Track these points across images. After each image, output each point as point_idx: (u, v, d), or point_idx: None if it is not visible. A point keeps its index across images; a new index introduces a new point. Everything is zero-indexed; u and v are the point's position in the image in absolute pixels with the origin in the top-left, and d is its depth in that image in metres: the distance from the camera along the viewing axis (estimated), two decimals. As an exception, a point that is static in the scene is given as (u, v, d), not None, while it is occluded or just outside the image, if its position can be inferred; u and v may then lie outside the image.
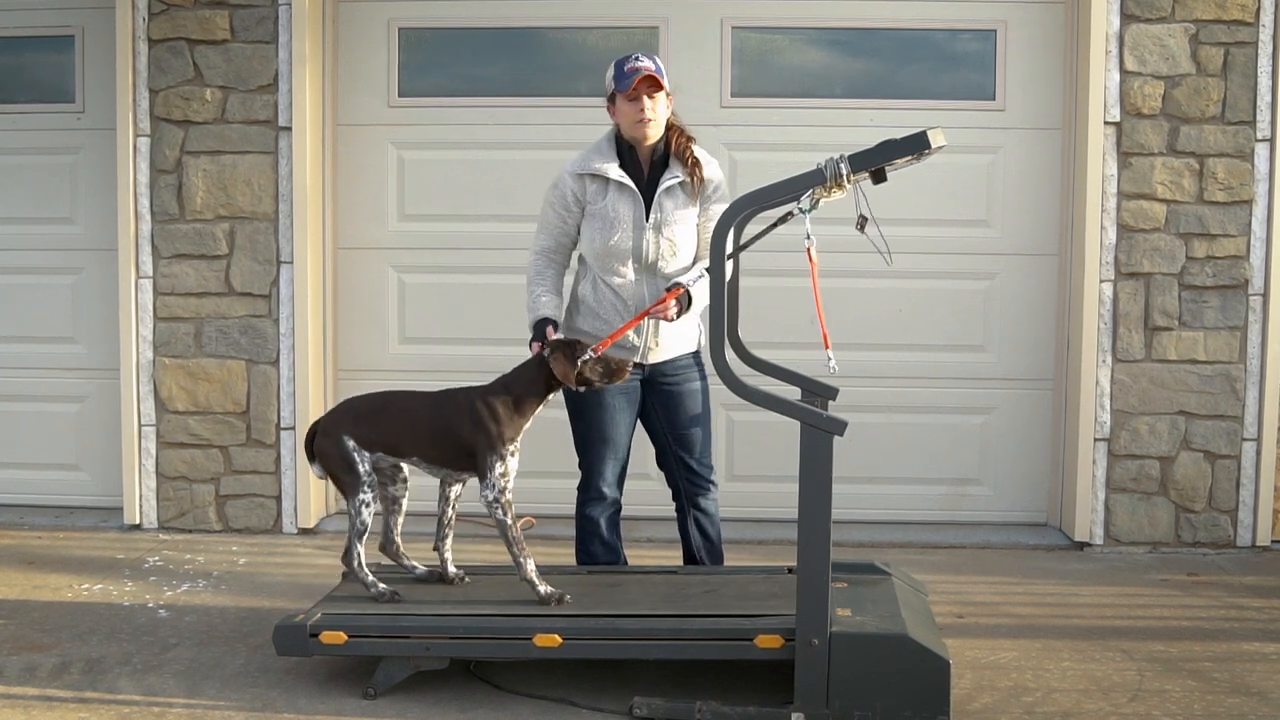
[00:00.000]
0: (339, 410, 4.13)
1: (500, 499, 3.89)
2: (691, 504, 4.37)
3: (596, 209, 4.16)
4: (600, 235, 4.15)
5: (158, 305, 5.71)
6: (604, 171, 4.14)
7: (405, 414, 4.02)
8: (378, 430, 4.01)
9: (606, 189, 4.15)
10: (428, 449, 4.00)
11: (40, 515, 5.97)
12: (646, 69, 4.06)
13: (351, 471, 3.99)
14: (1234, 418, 5.49)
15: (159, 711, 3.69)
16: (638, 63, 4.08)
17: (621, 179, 4.14)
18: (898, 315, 5.79)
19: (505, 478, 3.91)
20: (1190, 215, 5.43)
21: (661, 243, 4.14)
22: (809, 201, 3.53)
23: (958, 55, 5.80)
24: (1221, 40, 5.38)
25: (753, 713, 3.55)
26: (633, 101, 4.08)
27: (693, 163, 4.15)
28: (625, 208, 4.14)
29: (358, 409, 4.08)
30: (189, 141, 5.64)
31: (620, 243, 4.13)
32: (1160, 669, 4.05)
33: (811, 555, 3.49)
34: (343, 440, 3.99)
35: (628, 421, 4.29)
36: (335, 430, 4.02)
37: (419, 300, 5.93)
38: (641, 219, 4.13)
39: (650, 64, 4.08)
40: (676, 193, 4.16)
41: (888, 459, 5.84)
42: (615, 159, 4.17)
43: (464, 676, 3.91)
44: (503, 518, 3.90)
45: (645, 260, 4.15)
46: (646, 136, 4.12)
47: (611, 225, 4.13)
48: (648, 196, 4.15)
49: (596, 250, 4.18)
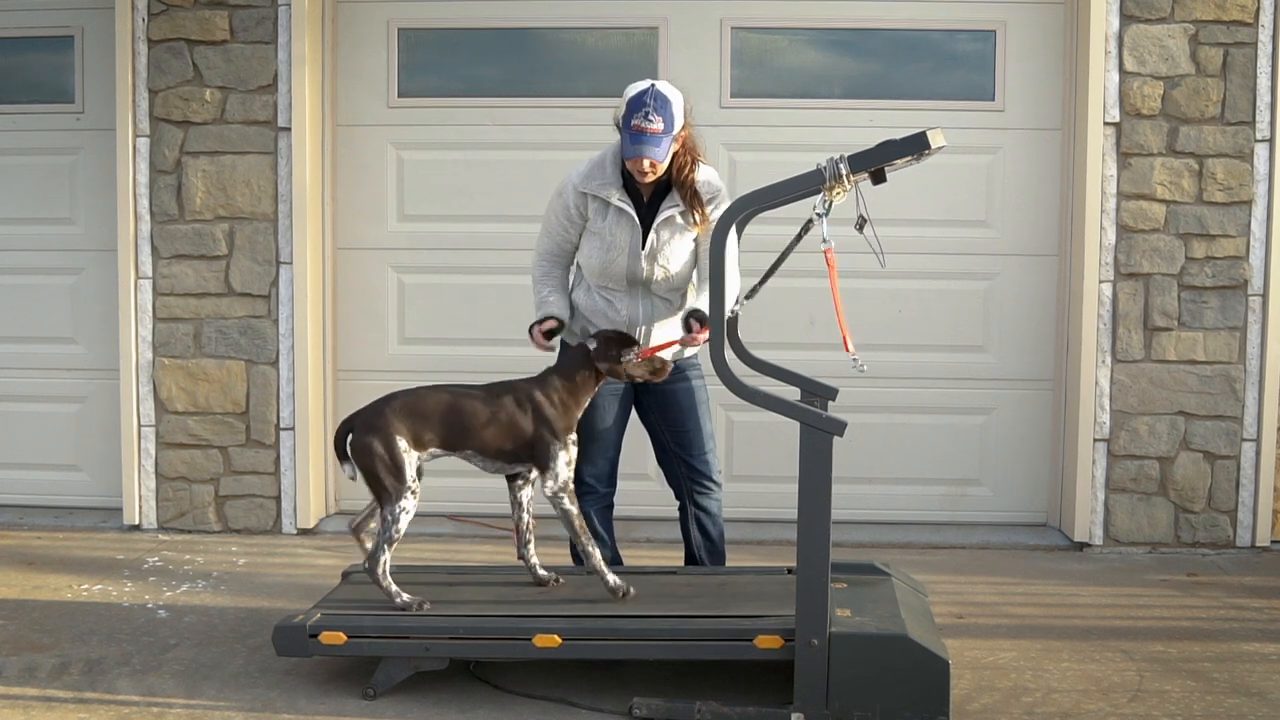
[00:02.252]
0: (387, 406, 3.89)
1: (566, 489, 3.89)
2: (692, 502, 4.37)
3: (595, 229, 4.16)
4: (597, 255, 4.16)
5: (157, 306, 5.71)
6: (605, 195, 4.13)
7: (461, 408, 3.90)
8: (433, 426, 3.88)
9: (606, 211, 4.14)
10: (486, 443, 3.91)
11: (40, 515, 5.97)
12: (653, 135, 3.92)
13: (398, 475, 3.81)
14: (1233, 418, 5.49)
15: (158, 712, 3.69)
16: (646, 122, 3.93)
17: (622, 205, 4.12)
18: (898, 315, 5.79)
19: (570, 466, 3.90)
20: (1190, 216, 5.44)
21: (655, 269, 4.14)
22: (824, 204, 3.54)
23: (957, 55, 5.80)
24: (1221, 41, 5.38)
25: (752, 713, 3.55)
26: (634, 159, 4.00)
27: (692, 195, 4.10)
28: (623, 234, 4.13)
29: (410, 405, 3.89)
30: (188, 142, 5.64)
31: (615, 266, 4.14)
32: (1160, 669, 4.06)
33: (811, 555, 3.49)
34: (395, 439, 3.82)
35: (615, 417, 4.29)
36: (386, 427, 3.82)
37: (418, 300, 5.93)
38: (638, 246, 4.13)
39: (659, 124, 3.94)
40: (675, 221, 4.13)
41: (887, 459, 5.84)
42: (618, 181, 4.14)
43: (464, 676, 3.91)
44: (569, 507, 3.89)
45: (638, 281, 4.17)
46: (645, 186, 4.11)
47: (608, 248, 4.14)
48: (647, 222, 4.13)
49: (593, 267, 4.19)
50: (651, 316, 4.20)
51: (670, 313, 4.22)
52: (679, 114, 4.02)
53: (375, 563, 3.86)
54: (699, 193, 4.11)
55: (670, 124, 3.97)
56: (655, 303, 4.20)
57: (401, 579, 4.22)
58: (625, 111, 3.99)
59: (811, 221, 3.62)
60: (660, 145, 3.97)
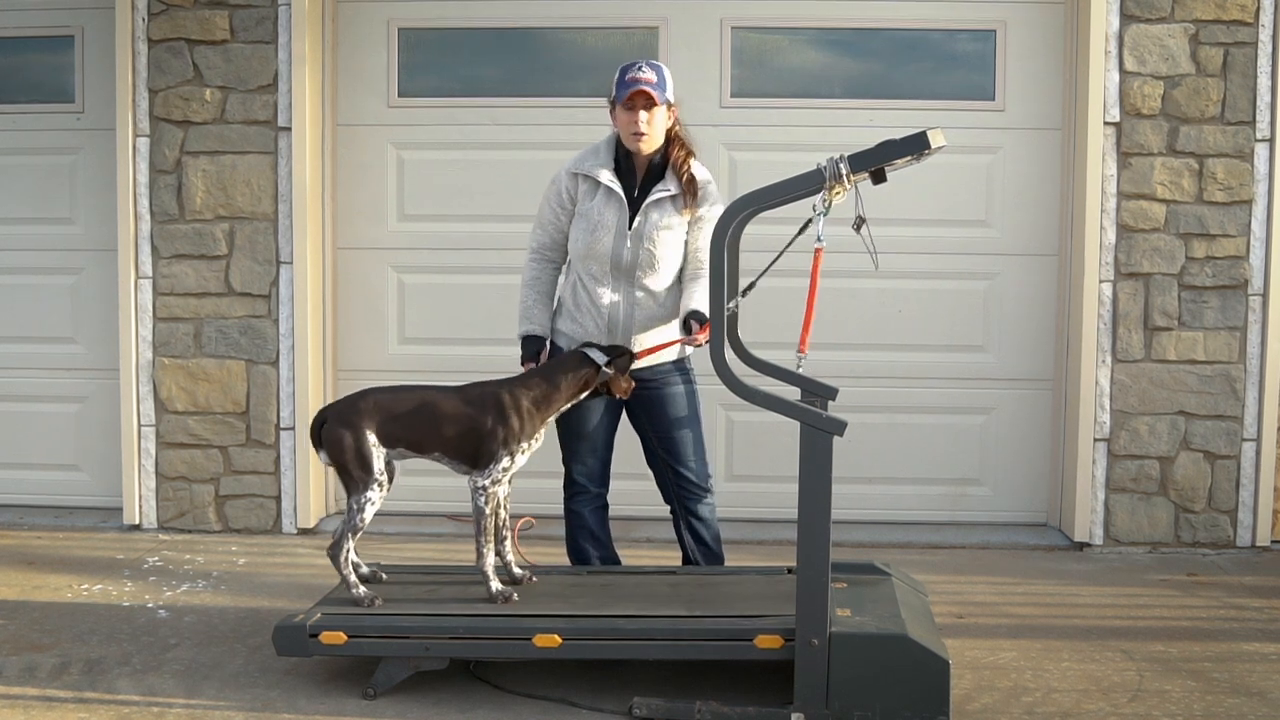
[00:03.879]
0: (360, 401, 3.96)
1: (489, 489, 3.90)
2: (683, 508, 4.36)
3: (584, 209, 4.19)
4: (583, 236, 4.17)
5: (157, 305, 5.71)
6: (595, 174, 4.16)
7: (431, 409, 3.94)
8: (402, 426, 3.93)
9: (596, 191, 4.17)
10: (451, 445, 3.94)
11: (40, 515, 5.97)
12: (646, 81, 4.05)
13: (365, 468, 3.89)
14: (1234, 418, 5.49)
15: (158, 711, 3.69)
16: (639, 73, 4.07)
17: (611, 184, 4.14)
18: (898, 315, 5.79)
19: (506, 472, 3.91)
20: (1190, 215, 5.44)
21: (641, 252, 4.14)
22: (824, 204, 3.54)
23: (957, 55, 5.80)
24: (1221, 40, 5.38)
25: (752, 713, 3.55)
26: (629, 112, 4.08)
27: (687, 179, 4.13)
28: (611, 213, 4.15)
29: (382, 403, 3.95)
30: (189, 142, 5.64)
31: (601, 247, 4.15)
32: (1160, 669, 4.06)
33: (811, 555, 3.49)
34: (364, 434, 3.89)
35: (601, 416, 4.28)
36: (357, 422, 3.90)
37: (419, 300, 5.93)
38: (625, 226, 4.14)
39: (652, 74, 4.07)
40: (665, 205, 4.15)
41: (887, 459, 5.84)
42: (611, 163, 4.18)
43: (464, 676, 3.91)
44: (483, 506, 3.90)
45: (623, 267, 4.16)
46: (640, 149, 4.13)
47: (595, 228, 4.15)
48: (637, 205, 4.15)
49: (579, 250, 4.20)
50: (633, 313, 4.19)
51: (653, 309, 4.20)
52: (670, 82, 4.14)
53: (338, 550, 3.94)
54: (695, 180, 4.15)
55: (663, 81, 4.09)
56: (639, 296, 4.19)
57: (402, 579, 4.24)
58: (617, 75, 4.12)
59: (811, 221, 3.63)
60: (656, 90, 4.05)
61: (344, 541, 3.93)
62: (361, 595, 3.93)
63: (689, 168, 4.15)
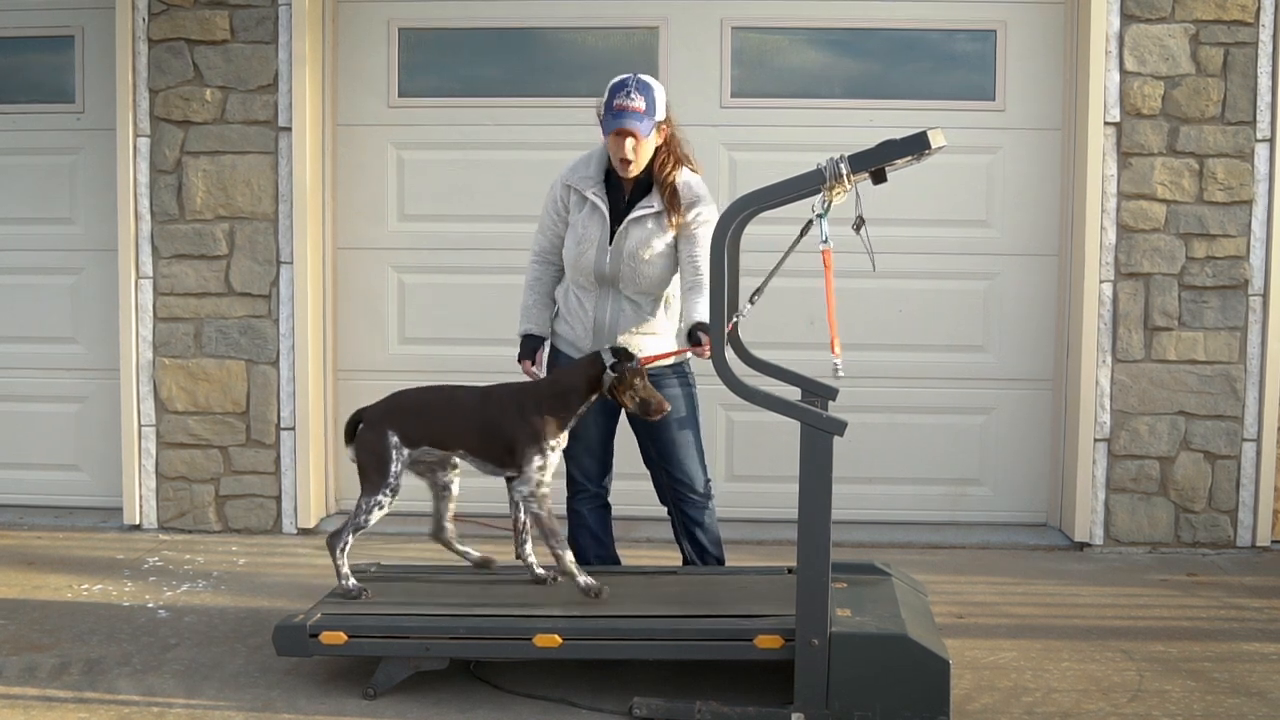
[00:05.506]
0: (387, 404, 4.08)
1: (535, 492, 3.92)
2: (679, 512, 4.36)
3: (572, 221, 4.21)
4: (572, 248, 4.20)
5: (157, 305, 5.71)
6: (583, 190, 4.17)
7: (452, 408, 4.03)
8: (423, 424, 4.01)
9: (583, 205, 4.19)
10: (473, 443, 4.01)
11: (40, 515, 5.97)
12: (634, 112, 3.96)
13: (382, 471, 3.96)
14: (1234, 418, 5.49)
15: (159, 711, 3.69)
16: (628, 100, 3.99)
17: (595, 200, 4.15)
18: (898, 315, 5.79)
19: (543, 471, 3.93)
20: (1190, 215, 5.44)
21: (622, 267, 4.14)
22: (824, 204, 3.54)
23: (957, 55, 5.80)
24: (1221, 40, 5.38)
25: (752, 713, 3.55)
26: (616, 138, 4.04)
27: (670, 193, 4.10)
28: (594, 228, 4.16)
29: (404, 404, 4.07)
30: (189, 142, 5.64)
31: (584, 260, 4.17)
32: (1160, 669, 4.06)
33: (811, 555, 3.49)
34: (386, 435, 3.97)
35: (599, 419, 4.28)
36: (381, 424, 4.00)
37: (419, 300, 5.93)
38: (606, 242, 4.14)
39: (640, 102, 3.99)
40: (646, 223, 4.13)
41: (888, 459, 5.84)
42: (599, 177, 4.18)
43: (464, 676, 3.91)
44: (538, 511, 3.93)
45: (606, 279, 4.17)
46: (627, 174, 4.11)
47: (579, 240, 4.18)
48: (620, 219, 4.14)
49: (568, 260, 4.24)
50: (618, 320, 4.19)
51: (640, 317, 4.19)
52: (661, 102, 4.07)
53: (337, 539, 4.01)
54: (678, 193, 4.11)
55: (652, 107, 4.02)
56: (624, 305, 4.19)
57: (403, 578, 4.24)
58: (607, 96, 4.06)
59: (811, 222, 3.63)
60: (641, 122, 4.00)
61: (345, 533, 4.00)
62: (351, 586, 3.99)
63: (673, 179, 4.11)
